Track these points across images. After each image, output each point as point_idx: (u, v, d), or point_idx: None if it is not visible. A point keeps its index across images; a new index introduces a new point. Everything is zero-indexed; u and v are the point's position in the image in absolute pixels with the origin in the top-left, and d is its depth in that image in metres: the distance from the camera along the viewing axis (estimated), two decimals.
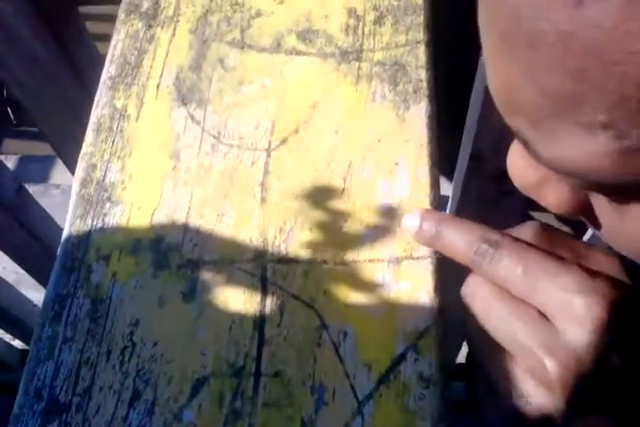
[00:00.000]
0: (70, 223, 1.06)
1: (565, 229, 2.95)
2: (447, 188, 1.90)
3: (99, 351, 0.94)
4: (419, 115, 1.12)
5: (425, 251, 0.97)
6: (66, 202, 1.11)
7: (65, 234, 1.05)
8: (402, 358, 0.90)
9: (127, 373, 0.93)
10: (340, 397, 0.87)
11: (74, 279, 1.00)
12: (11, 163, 3.37)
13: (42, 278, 1.93)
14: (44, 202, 1.95)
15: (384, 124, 1.10)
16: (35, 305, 2.13)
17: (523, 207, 1.93)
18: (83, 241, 1.04)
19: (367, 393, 0.87)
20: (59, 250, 1.05)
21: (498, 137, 1.56)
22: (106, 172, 1.11)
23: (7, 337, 2.21)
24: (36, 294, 2.13)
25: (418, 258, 0.97)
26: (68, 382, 0.93)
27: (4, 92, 3.01)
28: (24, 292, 2.10)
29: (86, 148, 1.14)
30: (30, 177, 3.23)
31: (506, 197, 1.80)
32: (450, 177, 1.91)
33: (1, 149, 3.63)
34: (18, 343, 2.21)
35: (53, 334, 0.97)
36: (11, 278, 2.16)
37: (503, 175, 1.65)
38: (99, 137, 1.15)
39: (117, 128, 1.15)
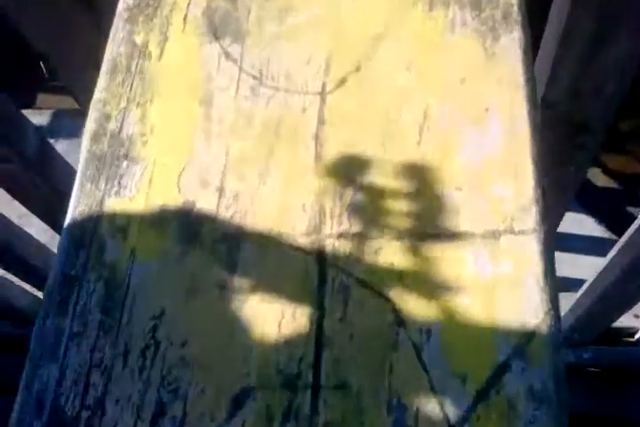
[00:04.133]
0: (79, 187, 0.86)
1: None
2: None
3: (114, 352, 0.75)
4: (511, 47, 0.88)
5: (531, 222, 0.74)
6: None
7: (72, 200, 0.85)
8: (505, 367, 0.69)
9: (149, 381, 0.73)
10: (424, 418, 0.67)
11: (83, 258, 0.81)
12: (44, 118, 3.20)
13: None
14: (74, 158, 1.74)
15: (468, 59, 0.87)
16: None
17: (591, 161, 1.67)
18: (94, 209, 0.83)
19: (461, 415, 0.66)
20: (66, 220, 0.85)
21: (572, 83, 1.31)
22: (122, 122, 0.90)
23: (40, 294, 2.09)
24: None
25: (521, 232, 0.75)
26: (75, 390, 0.74)
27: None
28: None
29: (99, 93, 0.93)
30: (63, 132, 3.06)
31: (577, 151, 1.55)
32: None
33: (36, 104, 3.45)
34: None
35: (58, 329, 0.78)
36: (43, 238, 2.03)
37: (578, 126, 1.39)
38: (114, 80, 0.93)
39: (136, 69, 0.94)
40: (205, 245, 0.80)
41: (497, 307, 0.71)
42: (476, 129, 0.81)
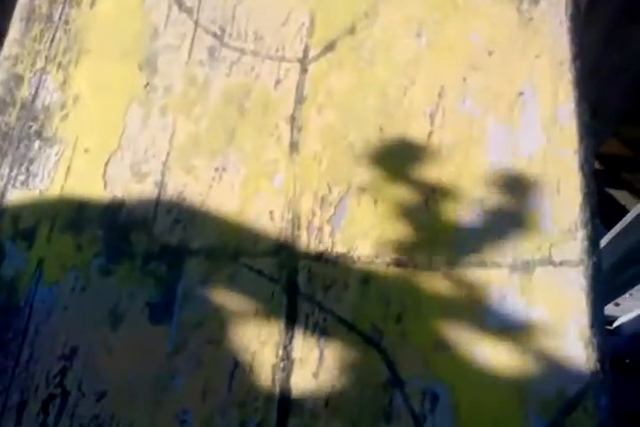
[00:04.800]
0: None
1: None
2: None
3: (5, 403, 0.55)
4: (554, 13, 0.68)
5: (576, 251, 0.55)
6: None
7: None
8: None
9: None
10: None
11: None
12: None
13: None
14: None
15: (498, 25, 0.67)
16: None
17: None
18: None
19: None
20: None
21: None
22: (37, 89, 0.69)
23: None
24: None
25: (563, 263, 0.55)
26: None
27: None
28: None
29: (9, 48, 0.72)
30: None
31: None
32: None
33: None
34: None
35: None
36: None
37: None
38: (29, 31, 0.72)
39: (61, 18, 0.73)
40: (137, 260, 0.59)
41: (527, 364, 0.53)
42: (507, 120, 0.62)
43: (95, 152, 0.65)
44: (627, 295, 2.17)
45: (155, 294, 0.58)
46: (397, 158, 0.61)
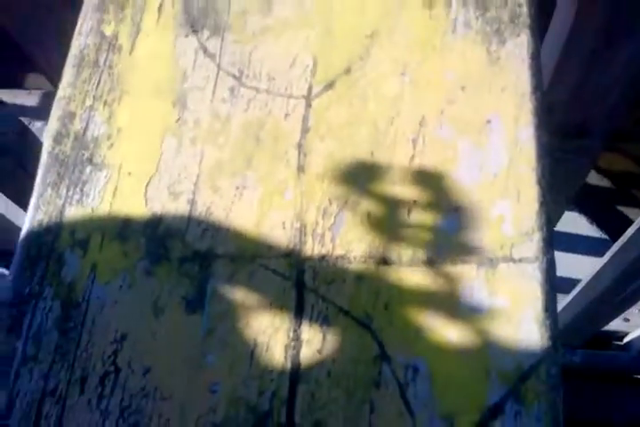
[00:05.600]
0: (39, 193, 0.78)
1: None
2: None
3: (70, 378, 0.68)
4: (518, 53, 0.80)
5: (533, 249, 0.68)
6: None
7: (30, 209, 0.77)
8: (497, 409, 0.62)
9: (108, 411, 0.66)
10: None
11: (39, 273, 0.73)
12: (35, 98, 3.06)
13: None
14: None
15: (470, 64, 0.79)
16: None
17: None
18: (53, 220, 0.76)
19: None
20: (22, 230, 0.77)
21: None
22: (87, 123, 0.82)
23: None
24: None
25: (521, 260, 0.68)
26: (25, 421, 0.66)
27: None
28: None
29: (63, 90, 0.85)
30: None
31: None
32: None
33: (25, 85, 3.31)
34: None
35: (8, 351, 0.70)
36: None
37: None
38: (80, 75, 0.85)
39: (105, 63, 0.86)
40: (173, 263, 0.72)
41: (491, 344, 0.65)
42: (476, 143, 0.74)
43: (137, 175, 0.78)
44: (636, 311, 2.22)
45: (189, 291, 0.71)
46: (385, 178, 0.74)
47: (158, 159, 0.78)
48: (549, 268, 0.68)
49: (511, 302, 0.66)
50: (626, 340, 2.25)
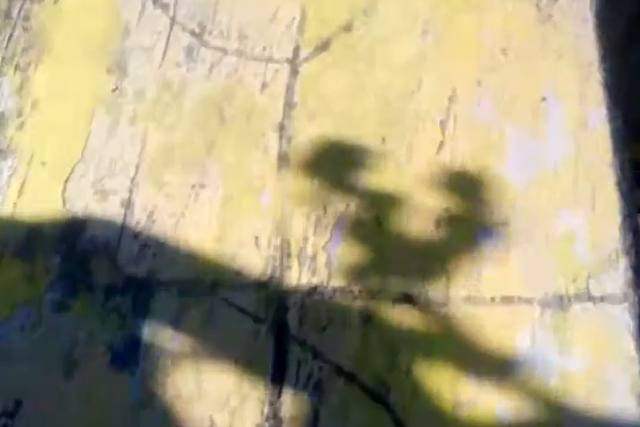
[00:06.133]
0: None
1: None
2: None
3: None
4: (577, 8, 0.60)
5: (618, 283, 0.47)
6: None
7: None
8: None
9: None
10: None
11: None
12: None
13: None
14: None
15: (515, 23, 0.60)
16: None
17: None
18: None
19: None
20: None
21: None
22: None
23: None
24: None
25: (602, 298, 0.47)
26: None
27: None
28: None
29: None
30: None
31: None
32: None
33: None
34: None
35: None
36: None
37: None
38: None
39: (20, 14, 0.65)
40: (97, 293, 0.51)
41: (563, 424, 0.44)
42: (529, 129, 0.54)
43: (54, 166, 0.57)
44: None
45: (117, 336, 0.50)
46: (402, 175, 0.53)
47: (84, 144, 0.58)
48: None
49: (592, 362, 0.46)
50: None
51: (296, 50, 0.60)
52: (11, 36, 0.65)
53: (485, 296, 0.48)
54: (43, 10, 0.66)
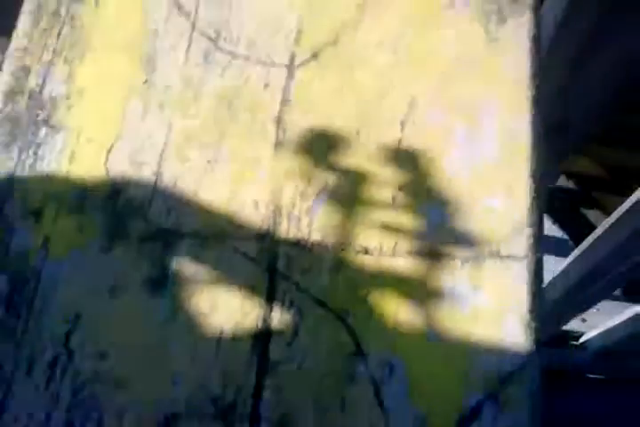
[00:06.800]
0: None
1: None
2: None
3: (16, 360, 0.62)
4: (518, 34, 0.75)
5: (522, 247, 0.64)
6: None
7: None
8: (475, 412, 0.59)
9: (58, 397, 0.61)
10: None
11: None
12: None
13: None
14: None
15: (467, 43, 0.74)
16: None
17: None
18: (4, 185, 0.69)
19: None
20: None
21: None
22: (45, 80, 0.74)
23: None
24: None
25: (510, 257, 0.64)
26: None
27: None
28: None
29: (17, 40, 0.77)
30: None
31: None
32: None
33: None
34: None
35: None
36: None
37: None
38: (37, 25, 0.77)
39: (67, 14, 0.77)
40: (133, 240, 0.66)
41: (472, 345, 0.61)
42: (470, 129, 0.69)
43: (98, 141, 0.71)
44: (593, 310, 2.22)
45: (150, 271, 0.66)
46: (371, 160, 0.69)
47: (121, 125, 0.72)
48: (537, 268, 0.64)
49: (495, 302, 0.63)
50: (582, 340, 2.26)
51: (292, 57, 0.74)
52: (59, 32, 0.78)
53: (423, 251, 0.65)
54: (85, 11, 0.79)
